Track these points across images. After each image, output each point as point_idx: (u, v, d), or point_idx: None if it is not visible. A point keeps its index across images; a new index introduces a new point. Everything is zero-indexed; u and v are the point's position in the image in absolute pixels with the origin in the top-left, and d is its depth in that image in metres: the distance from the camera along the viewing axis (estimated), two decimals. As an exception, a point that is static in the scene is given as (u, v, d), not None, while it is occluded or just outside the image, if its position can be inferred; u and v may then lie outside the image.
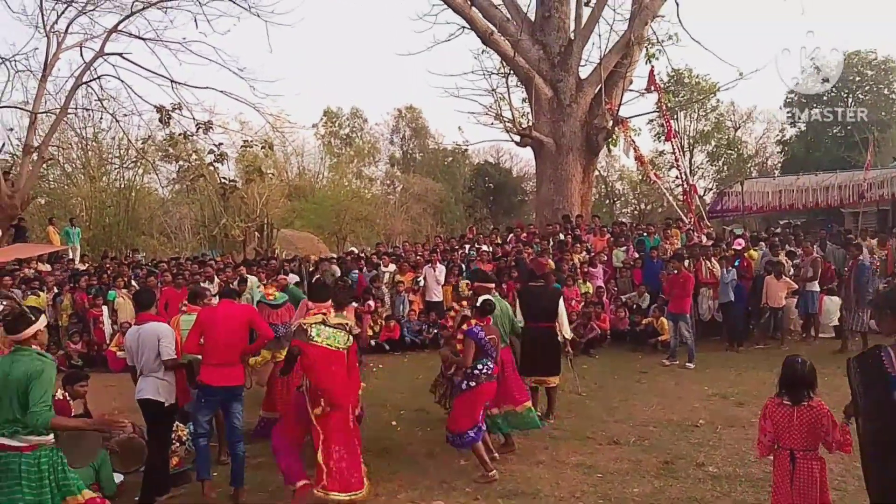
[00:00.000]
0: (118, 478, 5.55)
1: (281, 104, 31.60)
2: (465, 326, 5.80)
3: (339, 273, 12.18)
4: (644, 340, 11.11)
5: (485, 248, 14.50)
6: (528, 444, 6.35)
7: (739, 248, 12.19)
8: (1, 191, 16.78)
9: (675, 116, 29.41)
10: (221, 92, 18.18)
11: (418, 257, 14.05)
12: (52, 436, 3.71)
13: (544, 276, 7.91)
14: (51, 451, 3.71)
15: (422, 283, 13.01)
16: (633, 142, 16.40)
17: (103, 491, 5.18)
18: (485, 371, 5.58)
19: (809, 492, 3.67)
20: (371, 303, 12.19)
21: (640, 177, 32.50)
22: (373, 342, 12.14)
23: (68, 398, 6.19)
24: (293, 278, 12.48)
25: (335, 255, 16.94)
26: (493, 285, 6.72)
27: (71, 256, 16.53)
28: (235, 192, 19.86)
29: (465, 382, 5.58)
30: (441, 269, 12.99)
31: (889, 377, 3.00)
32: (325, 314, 5.02)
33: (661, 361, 9.95)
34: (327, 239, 27.02)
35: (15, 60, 17.81)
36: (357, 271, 13.29)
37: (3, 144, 19.53)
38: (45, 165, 19.86)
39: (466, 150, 33.05)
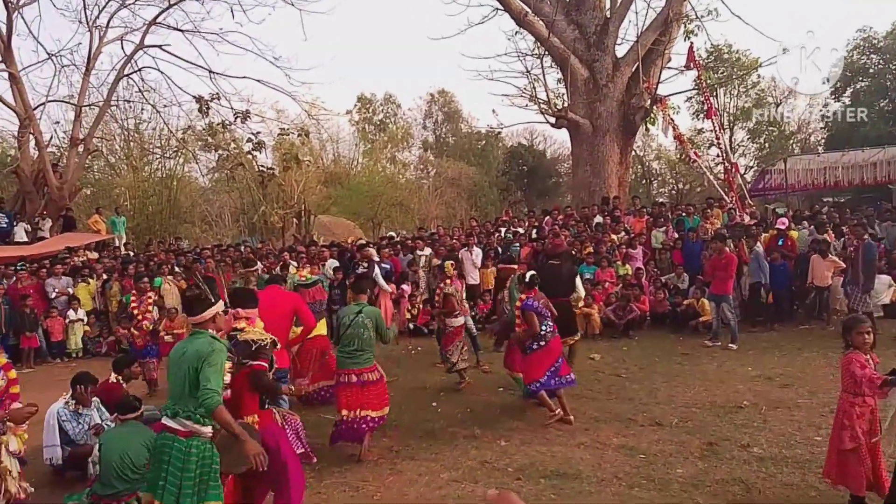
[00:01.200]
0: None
1: (316, 91, 31.80)
2: (518, 303, 6.75)
3: (377, 257, 12.21)
4: (685, 322, 10.97)
5: (520, 230, 14.47)
6: (570, 426, 6.36)
7: (783, 227, 11.90)
8: (50, 183, 17.40)
9: (715, 93, 28.70)
10: (258, 81, 18.56)
11: (454, 241, 14.08)
12: (209, 429, 3.63)
13: (560, 255, 8.70)
14: (204, 445, 3.61)
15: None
16: (672, 120, 16.12)
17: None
18: (549, 331, 6.59)
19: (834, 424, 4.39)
20: (406, 287, 12.32)
21: (678, 156, 31.86)
22: (411, 325, 12.29)
23: (121, 381, 6.43)
24: (332, 263, 12.67)
25: (367, 241, 17.06)
26: (516, 266, 8.16)
27: (117, 245, 17.03)
28: (273, 179, 20.17)
29: (536, 343, 6.51)
30: (478, 253, 12.99)
31: None
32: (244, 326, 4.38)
33: (703, 342, 9.83)
34: (363, 224, 27.24)
35: (60, 56, 18.40)
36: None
37: (51, 138, 20.19)
38: (90, 157, 20.46)
39: (500, 133, 32.82)
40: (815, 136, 34.37)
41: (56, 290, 12.15)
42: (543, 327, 6.51)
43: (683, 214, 13.62)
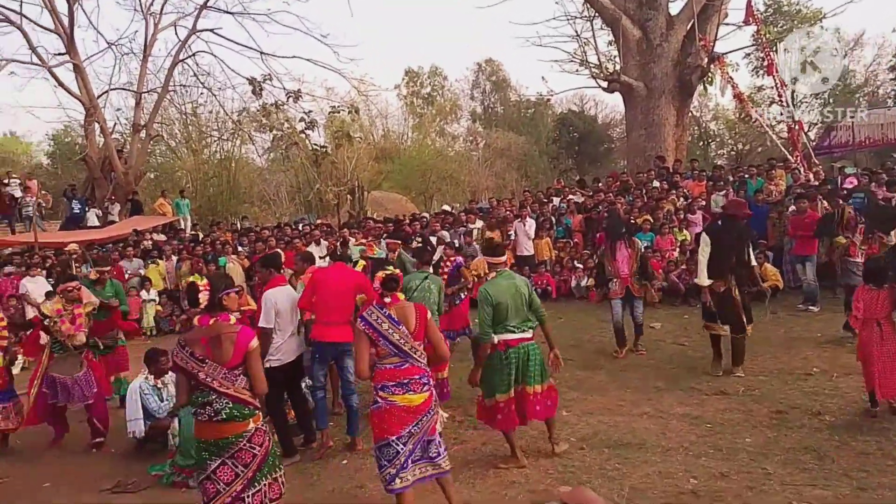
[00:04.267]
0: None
1: (364, 67, 32.29)
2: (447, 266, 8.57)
3: (448, 237, 12.42)
4: (748, 288, 10.66)
5: (573, 198, 14.28)
6: (632, 396, 6.35)
7: (851, 186, 11.38)
8: (117, 168, 18.14)
9: (776, 48, 27.39)
10: (308, 60, 18.77)
11: (507, 212, 14.01)
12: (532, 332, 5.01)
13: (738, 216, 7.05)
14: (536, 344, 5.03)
15: (512, 238, 13.01)
16: (731, 79, 15.50)
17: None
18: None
19: (892, 345, 5.32)
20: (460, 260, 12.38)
21: (737, 116, 30.67)
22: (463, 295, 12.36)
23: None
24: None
25: (425, 215, 17.14)
26: (400, 242, 8.68)
27: (182, 226, 17.66)
28: (326, 157, 20.46)
29: (460, 296, 8.07)
30: (531, 224, 12.93)
31: None
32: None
33: (797, 306, 9.49)
34: (415, 199, 27.38)
35: (120, 44, 19.06)
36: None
37: (115, 125, 20.99)
38: (151, 142, 21.19)
39: (549, 100, 32.22)
40: (883, 89, 32.46)
41: (128, 271, 12.73)
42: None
43: (746, 176, 13.16)
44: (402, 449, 3.87)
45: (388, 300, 4.12)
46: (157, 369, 6.25)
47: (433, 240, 11.93)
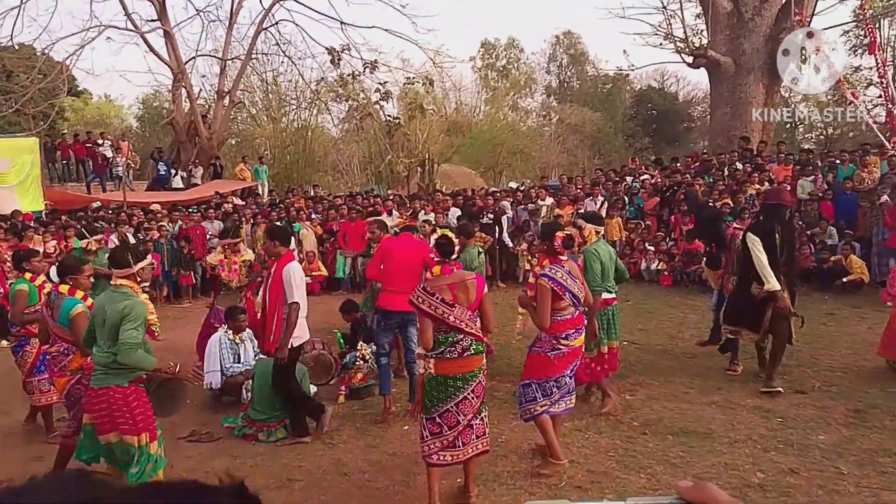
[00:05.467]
0: (312, 388, 6.23)
1: (440, 38, 32.03)
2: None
3: (508, 208, 12.40)
4: (831, 280, 10.16)
5: (646, 177, 13.88)
6: (700, 384, 6.19)
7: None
8: (201, 133, 18.87)
9: (879, 25, 25.44)
10: (386, 30, 18.83)
11: (578, 190, 13.78)
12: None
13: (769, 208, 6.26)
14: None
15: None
16: (828, 58, 14.53)
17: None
18: None
19: None
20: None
21: (830, 97, 28.79)
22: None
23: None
24: (455, 212, 12.87)
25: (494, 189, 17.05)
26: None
27: (260, 192, 18.24)
28: (399, 129, 20.58)
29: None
30: (602, 203, 12.67)
31: None
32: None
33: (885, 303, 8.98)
34: (484, 173, 27.21)
35: (207, 11, 19.67)
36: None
37: (200, 91, 21.77)
38: (234, 109, 21.86)
39: (628, 75, 31.18)
40: None
41: (209, 232, 13.30)
42: None
43: (837, 162, 12.43)
44: (555, 389, 4.47)
45: (563, 258, 4.53)
46: (235, 326, 6.55)
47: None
